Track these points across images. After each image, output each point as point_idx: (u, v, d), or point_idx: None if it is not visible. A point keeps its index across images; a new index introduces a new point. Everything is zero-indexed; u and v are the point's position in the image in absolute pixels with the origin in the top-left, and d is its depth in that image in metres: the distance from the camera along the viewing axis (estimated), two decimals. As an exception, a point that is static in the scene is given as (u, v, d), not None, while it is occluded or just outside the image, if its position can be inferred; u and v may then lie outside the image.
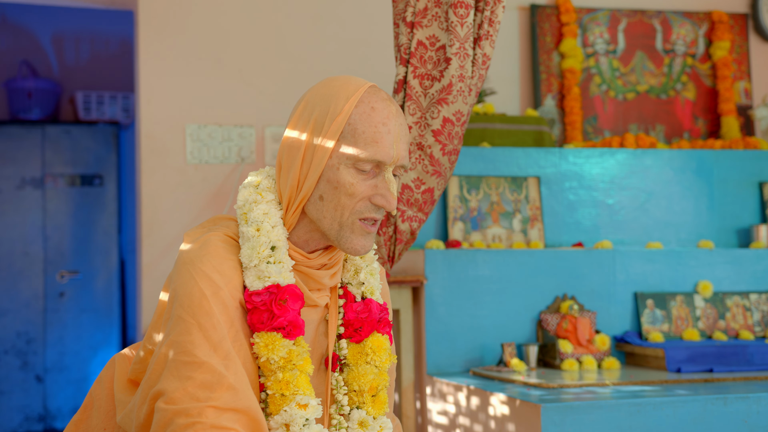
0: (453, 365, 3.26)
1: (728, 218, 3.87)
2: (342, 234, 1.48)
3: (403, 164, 1.50)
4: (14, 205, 5.69)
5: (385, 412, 1.55)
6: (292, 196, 1.49)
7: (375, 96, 1.48)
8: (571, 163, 3.75)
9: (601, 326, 3.38)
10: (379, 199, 1.48)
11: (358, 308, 1.57)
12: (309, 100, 1.50)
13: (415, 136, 2.76)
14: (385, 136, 1.46)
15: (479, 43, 2.76)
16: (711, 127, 4.66)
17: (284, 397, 1.43)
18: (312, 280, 1.52)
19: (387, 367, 1.57)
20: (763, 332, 3.47)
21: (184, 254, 1.45)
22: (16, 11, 6.02)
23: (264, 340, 1.43)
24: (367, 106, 1.47)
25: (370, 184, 1.47)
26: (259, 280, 1.45)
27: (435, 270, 3.27)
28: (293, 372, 1.44)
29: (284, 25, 4.28)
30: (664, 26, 4.68)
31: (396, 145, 1.47)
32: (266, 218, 1.48)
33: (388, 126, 1.46)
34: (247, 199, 1.51)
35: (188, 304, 1.40)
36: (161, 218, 4.09)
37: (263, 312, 1.44)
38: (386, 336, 1.58)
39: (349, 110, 1.46)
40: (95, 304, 5.76)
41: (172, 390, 1.35)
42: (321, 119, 1.47)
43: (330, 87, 1.49)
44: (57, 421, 5.64)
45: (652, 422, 2.52)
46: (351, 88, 1.48)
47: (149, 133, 4.11)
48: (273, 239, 1.47)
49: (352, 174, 1.46)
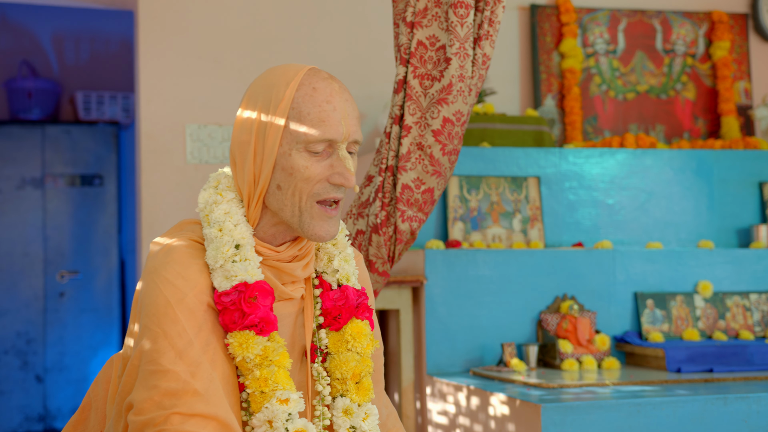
0: (453, 365, 3.26)
1: (728, 218, 3.87)
2: (303, 220, 1.47)
3: (355, 139, 1.49)
4: (14, 205, 5.69)
5: (370, 398, 1.54)
6: (251, 191, 1.49)
7: (315, 77, 1.48)
8: (571, 163, 3.75)
9: (601, 326, 3.38)
10: (337, 177, 1.46)
11: (335, 296, 1.56)
12: (251, 94, 1.50)
13: (415, 136, 2.76)
14: (331, 114, 1.45)
15: (479, 43, 2.76)
16: (711, 127, 4.66)
17: (264, 394, 1.42)
18: (284, 274, 1.52)
19: (369, 352, 1.55)
20: (763, 332, 3.47)
21: (149, 263, 1.46)
22: (16, 11, 6.02)
23: (237, 340, 1.43)
24: (308, 87, 1.46)
25: (325, 165, 1.46)
26: (227, 280, 1.44)
27: (435, 270, 3.27)
28: (270, 368, 1.43)
29: (284, 25, 4.28)
30: (664, 26, 4.68)
31: (344, 121, 1.46)
32: (227, 217, 1.48)
33: (332, 104, 1.45)
34: (207, 201, 1.51)
35: (153, 312, 1.39)
36: (161, 218, 4.09)
37: (234, 311, 1.43)
38: (366, 321, 1.57)
39: (291, 95, 1.46)
40: (95, 304, 5.77)
41: (140, 401, 1.35)
42: (265, 109, 1.46)
43: (270, 77, 1.49)
44: (57, 421, 5.64)
45: (652, 422, 2.52)
46: (290, 74, 1.48)
47: (149, 133, 4.11)
48: (236, 237, 1.46)
49: (305, 157, 1.45)
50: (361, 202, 2.92)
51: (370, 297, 1.66)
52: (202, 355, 1.39)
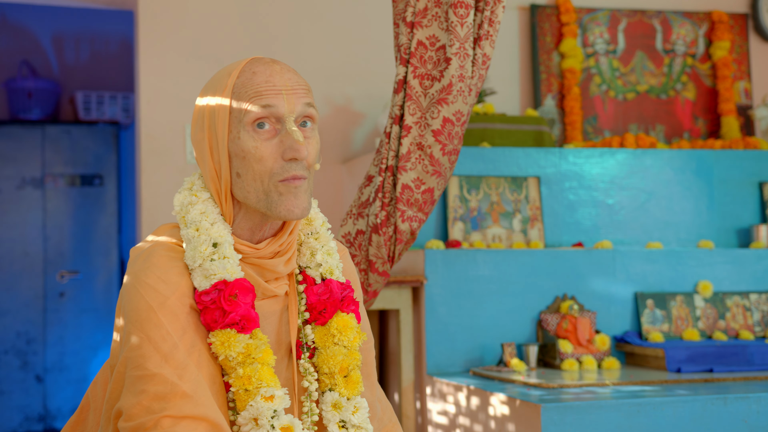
0: (453, 365, 3.25)
1: (728, 218, 3.87)
2: (270, 201, 1.45)
3: (304, 113, 1.47)
4: (14, 205, 5.69)
5: (359, 392, 1.54)
6: (217, 186, 1.49)
7: (256, 63, 1.48)
8: (571, 163, 3.75)
9: (601, 326, 3.38)
10: (289, 152, 1.44)
11: (319, 290, 1.55)
12: (202, 94, 1.52)
13: (415, 136, 2.76)
14: (270, 89, 1.45)
15: (479, 43, 2.76)
16: (711, 127, 4.66)
17: (248, 392, 1.42)
18: (267, 271, 1.51)
19: (356, 346, 1.55)
20: (763, 332, 3.47)
21: (129, 269, 1.46)
22: (16, 11, 6.02)
23: (219, 338, 1.43)
24: (248, 72, 1.47)
25: (275, 142, 1.45)
26: (206, 279, 1.44)
27: (435, 270, 3.27)
28: (254, 366, 1.42)
29: (284, 25, 4.28)
30: (664, 26, 4.68)
31: (286, 94, 1.45)
32: (203, 217, 1.48)
33: (272, 81, 1.45)
34: (182, 203, 1.51)
35: (136, 318, 1.39)
36: (161, 218, 4.08)
37: (214, 310, 1.43)
38: (352, 314, 1.56)
39: (232, 83, 1.47)
40: (95, 304, 5.77)
41: (128, 407, 1.35)
42: (213, 101, 1.48)
43: (215, 76, 1.51)
44: (57, 421, 5.64)
45: (652, 422, 2.52)
46: (232, 67, 1.50)
47: (149, 133, 4.11)
48: (214, 236, 1.46)
49: (253, 137, 1.45)
50: (361, 202, 2.92)
51: (357, 290, 1.66)
52: (187, 357, 1.39)
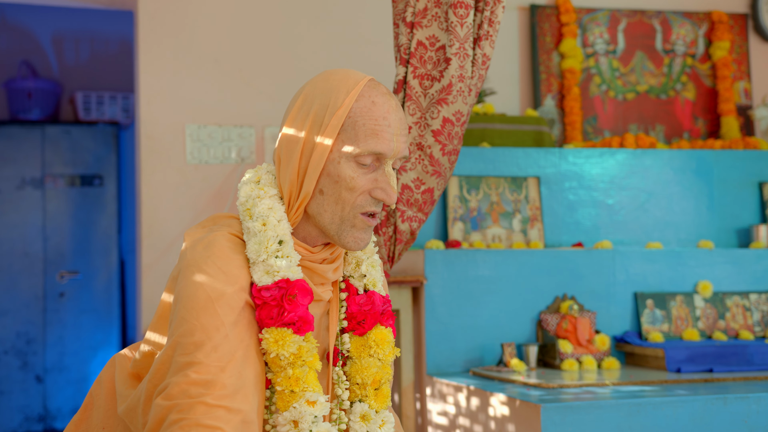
0: (453, 365, 3.25)
1: (728, 218, 3.87)
2: (342, 228, 1.48)
3: (404, 155, 1.50)
4: (14, 205, 5.69)
5: (387, 406, 1.54)
6: (292, 191, 1.49)
7: (375, 90, 1.48)
8: (571, 163, 3.75)
9: (601, 326, 3.38)
10: (379, 192, 1.47)
11: (361, 300, 1.56)
12: (308, 94, 1.49)
13: (415, 136, 2.76)
14: (385, 130, 1.46)
15: (479, 43, 2.76)
16: (711, 127, 4.66)
17: (294, 394, 1.42)
18: (316, 275, 1.52)
19: (390, 360, 1.56)
20: (763, 332, 3.47)
21: (189, 256, 1.44)
22: (16, 11, 6.02)
23: (273, 336, 1.42)
24: (368, 100, 1.47)
25: (370, 178, 1.47)
26: (268, 275, 1.43)
27: (435, 270, 3.27)
28: (303, 368, 1.42)
29: (284, 25, 4.28)
30: (664, 26, 4.68)
31: (396, 138, 1.47)
32: (271, 212, 1.47)
33: (388, 120, 1.46)
34: (249, 195, 1.50)
35: (192, 306, 1.38)
36: (161, 218, 4.09)
37: (273, 307, 1.43)
38: (389, 329, 1.57)
39: (349, 104, 1.46)
40: (95, 305, 5.77)
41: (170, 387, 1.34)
42: (321, 113, 1.47)
43: (329, 81, 1.49)
44: (57, 421, 5.64)
45: (652, 422, 2.52)
46: (351, 82, 1.48)
47: (149, 133, 4.11)
48: (280, 233, 1.46)
49: (353, 168, 1.46)
50: (361, 202, 2.92)
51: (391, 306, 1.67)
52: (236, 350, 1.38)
